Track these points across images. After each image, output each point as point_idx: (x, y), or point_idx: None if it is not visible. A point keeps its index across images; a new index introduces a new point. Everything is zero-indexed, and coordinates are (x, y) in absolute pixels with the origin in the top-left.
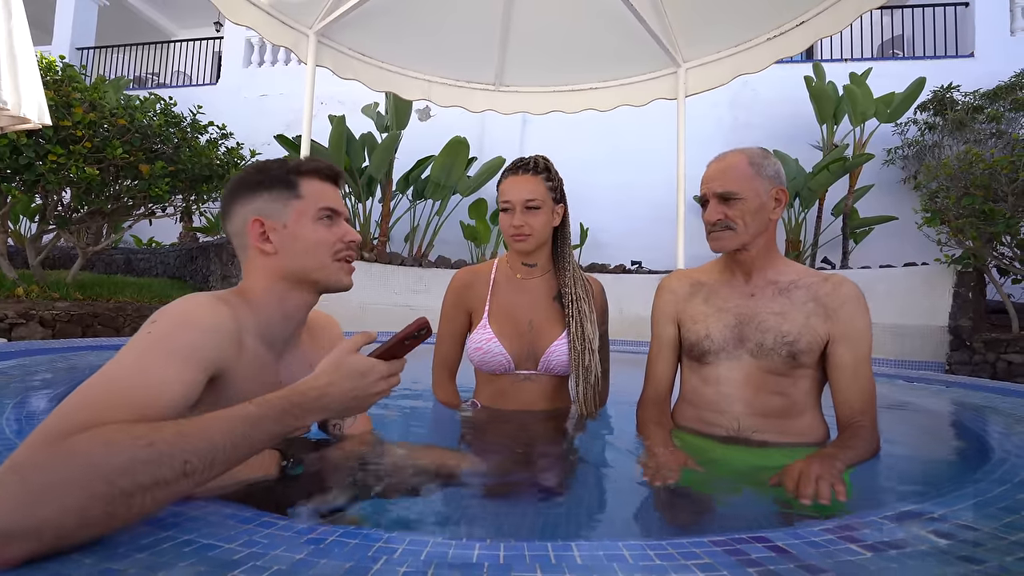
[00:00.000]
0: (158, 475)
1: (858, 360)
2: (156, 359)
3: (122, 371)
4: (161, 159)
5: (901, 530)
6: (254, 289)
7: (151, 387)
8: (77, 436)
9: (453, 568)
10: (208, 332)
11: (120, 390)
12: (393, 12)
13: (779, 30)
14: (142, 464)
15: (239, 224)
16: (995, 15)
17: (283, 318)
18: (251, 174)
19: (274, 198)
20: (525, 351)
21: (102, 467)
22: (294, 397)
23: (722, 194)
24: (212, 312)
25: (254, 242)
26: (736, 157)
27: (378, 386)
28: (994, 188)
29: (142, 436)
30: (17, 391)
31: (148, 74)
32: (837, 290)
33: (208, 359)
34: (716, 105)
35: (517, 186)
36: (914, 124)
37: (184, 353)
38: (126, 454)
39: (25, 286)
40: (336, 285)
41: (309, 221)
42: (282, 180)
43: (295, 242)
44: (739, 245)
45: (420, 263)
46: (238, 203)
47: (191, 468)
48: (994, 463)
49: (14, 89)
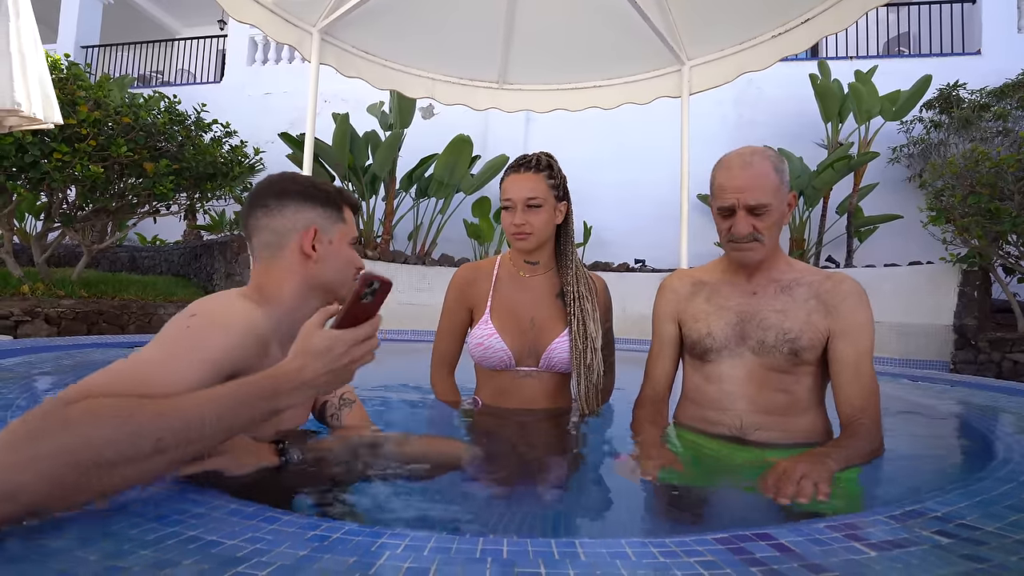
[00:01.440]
0: (133, 449)
1: (859, 356)
2: (182, 354)
3: (146, 358)
4: (165, 157)
5: (905, 529)
6: (282, 289)
7: (165, 376)
8: (73, 405)
9: (456, 564)
10: (240, 337)
11: (135, 373)
12: (397, 10)
13: (784, 28)
14: (121, 436)
15: (287, 224)
16: (1002, 12)
17: (298, 321)
18: (306, 186)
19: (327, 215)
20: (527, 348)
21: (86, 436)
22: (266, 382)
23: (755, 206)
24: (249, 318)
25: (304, 247)
26: (763, 166)
27: (350, 355)
28: (1000, 186)
29: (124, 409)
30: (23, 388)
31: (152, 72)
32: (838, 287)
33: (232, 363)
34: (720, 103)
35: (518, 184)
36: (920, 122)
37: (211, 354)
38: (108, 426)
39: (30, 284)
40: (343, 298)
41: (347, 244)
42: (333, 203)
43: (335, 258)
44: (764, 257)
45: (423, 261)
46: (292, 206)
47: (163, 445)
48: (998, 462)
49: (26, 90)
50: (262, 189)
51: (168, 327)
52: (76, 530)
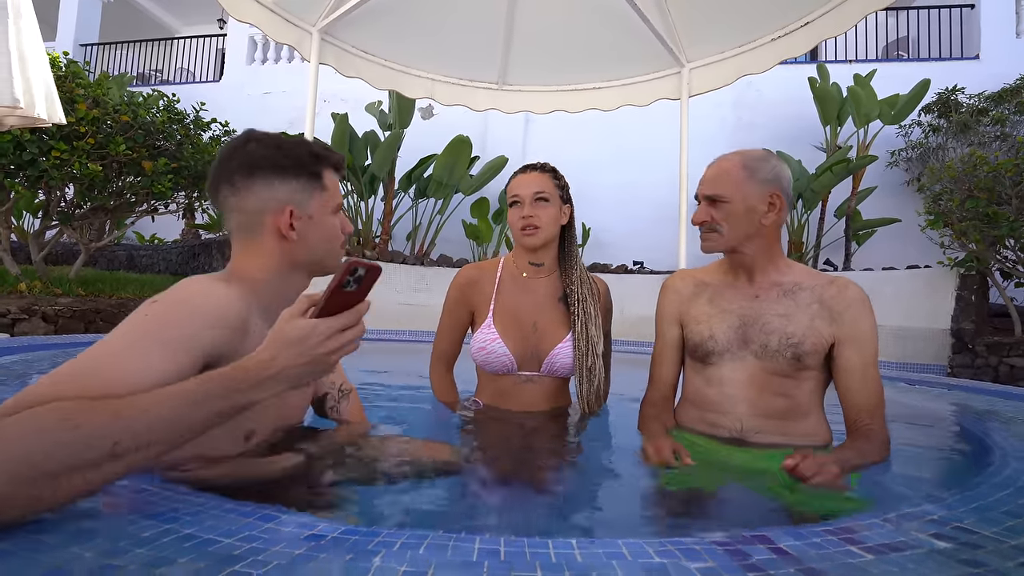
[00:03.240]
0: (84, 457)
1: (866, 363)
2: (143, 345)
3: (106, 352)
4: (164, 156)
5: (902, 533)
6: (260, 270)
7: (127, 372)
8: (8, 419)
9: (453, 564)
10: (208, 322)
11: (94, 371)
12: (396, 10)
13: (783, 31)
14: (66, 447)
15: (258, 204)
16: (1001, 17)
17: (283, 301)
18: (277, 156)
19: (302, 187)
20: (529, 353)
21: (26, 450)
22: (237, 374)
23: (710, 196)
24: (217, 299)
25: (280, 229)
26: (730, 161)
27: (327, 345)
28: (998, 191)
29: (70, 418)
30: (20, 386)
31: (151, 71)
32: (842, 293)
33: (202, 349)
34: (720, 105)
35: (526, 181)
36: (918, 126)
37: (175, 343)
38: (50, 437)
39: (28, 282)
40: (334, 270)
41: (329, 214)
42: (309, 169)
43: (317, 233)
44: (724, 248)
45: (422, 262)
46: (261, 183)
47: (121, 449)
48: (996, 467)
49: (26, 88)
50: (224, 160)
51: (128, 321)
52: (71, 527)
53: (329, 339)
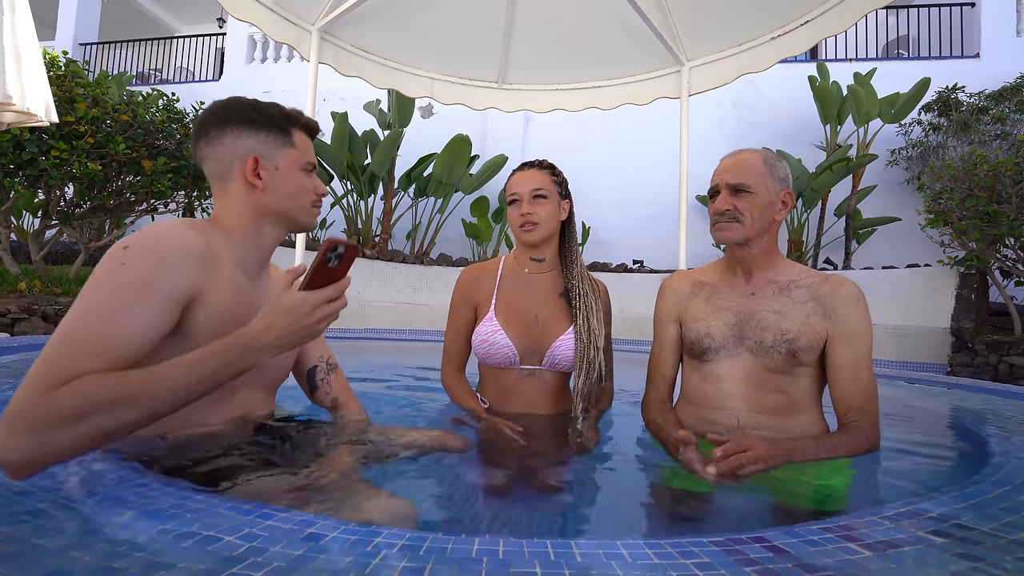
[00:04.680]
0: (129, 417)
1: (858, 359)
2: (128, 301)
3: (96, 317)
4: (163, 155)
5: (900, 530)
6: (232, 219)
7: (123, 332)
8: (61, 389)
9: (452, 563)
10: (178, 261)
11: (94, 338)
12: (396, 9)
13: (783, 29)
14: (115, 411)
15: (227, 153)
16: (1001, 16)
17: (258, 249)
18: (247, 110)
19: (270, 140)
20: (531, 345)
21: (84, 415)
22: (241, 339)
23: (735, 185)
24: (182, 239)
25: (246, 176)
26: (751, 154)
27: (315, 315)
28: (998, 190)
29: (112, 387)
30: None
31: (151, 70)
32: (837, 289)
33: (180, 290)
34: (720, 104)
35: (524, 178)
36: (918, 125)
37: (155, 291)
38: (100, 403)
39: (28, 281)
40: (307, 226)
41: (297, 170)
42: (279, 126)
43: (284, 184)
44: (743, 238)
45: (422, 261)
46: (230, 133)
47: (155, 409)
48: (994, 465)
49: (20, 85)
50: (205, 117)
51: (103, 275)
52: (71, 526)
53: (316, 308)
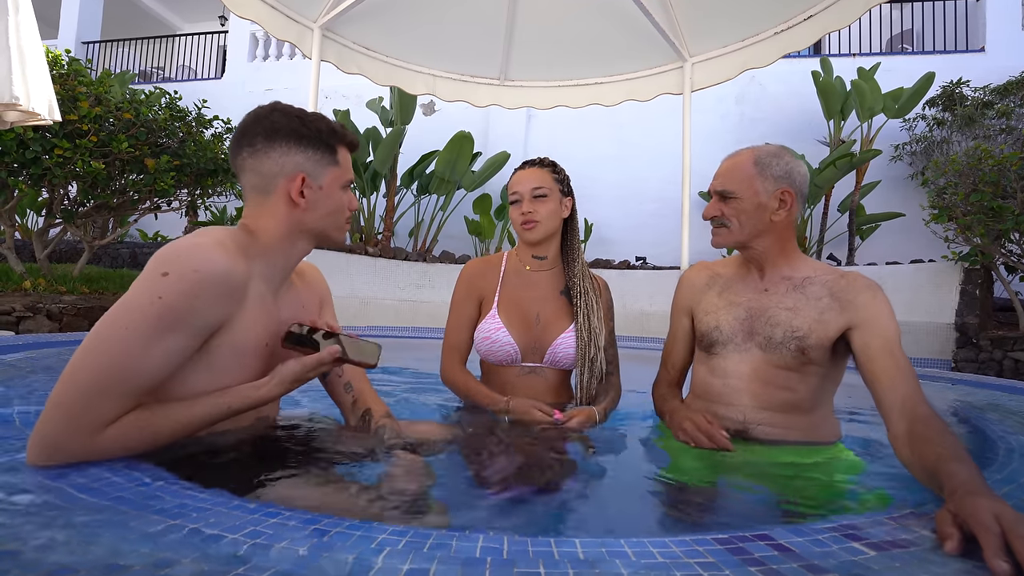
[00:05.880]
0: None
1: (891, 344)
2: (162, 333)
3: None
4: (166, 153)
5: (904, 529)
6: (268, 232)
7: (155, 363)
8: (104, 436)
9: (456, 562)
10: (214, 295)
11: (128, 372)
12: (397, 6)
13: (786, 24)
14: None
15: (274, 168)
16: (1006, 9)
17: (287, 263)
18: (296, 123)
19: (317, 158)
20: (532, 343)
21: (127, 447)
22: (252, 393)
23: (721, 192)
24: (220, 268)
25: (291, 194)
26: (742, 156)
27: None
28: (1003, 185)
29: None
30: (25, 384)
31: (153, 68)
32: (853, 283)
33: (212, 323)
34: (722, 100)
35: (525, 177)
36: (922, 120)
37: (189, 326)
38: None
39: (32, 280)
40: (338, 241)
41: (338, 188)
42: (325, 144)
43: (324, 203)
44: (733, 243)
45: (424, 258)
46: (279, 148)
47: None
48: (999, 463)
49: (24, 85)
50: (249, 125)
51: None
52: (76, 524)
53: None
